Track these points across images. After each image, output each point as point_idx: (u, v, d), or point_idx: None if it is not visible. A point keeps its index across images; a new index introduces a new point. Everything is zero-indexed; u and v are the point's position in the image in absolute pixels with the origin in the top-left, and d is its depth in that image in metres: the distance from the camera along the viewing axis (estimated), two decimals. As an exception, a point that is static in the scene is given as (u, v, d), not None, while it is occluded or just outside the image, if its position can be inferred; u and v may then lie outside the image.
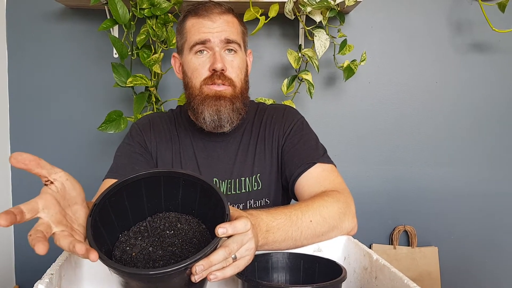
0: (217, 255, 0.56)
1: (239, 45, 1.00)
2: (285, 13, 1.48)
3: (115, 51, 1.57)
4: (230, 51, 0.99)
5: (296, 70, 1.59)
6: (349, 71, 1.54)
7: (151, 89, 1.52)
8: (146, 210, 0.66)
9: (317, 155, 0.99)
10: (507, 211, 1.78)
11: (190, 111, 1.03)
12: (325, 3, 1.40)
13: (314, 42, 1.49)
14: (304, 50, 1.53)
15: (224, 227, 0.56)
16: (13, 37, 1.66)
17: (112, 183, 0.61)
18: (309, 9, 1.44)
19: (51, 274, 0.59)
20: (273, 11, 1.46)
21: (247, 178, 1.03)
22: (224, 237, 0.58)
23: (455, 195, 1.77)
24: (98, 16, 1.63)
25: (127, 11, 1.42)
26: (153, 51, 1.52)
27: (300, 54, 1.55)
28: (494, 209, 1.78)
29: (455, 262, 1.77)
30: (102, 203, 0.59)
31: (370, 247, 1.74)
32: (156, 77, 1.54)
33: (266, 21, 1.45)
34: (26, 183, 1.67)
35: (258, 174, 1.04)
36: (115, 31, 1.61)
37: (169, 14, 1.48)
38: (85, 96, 1.69)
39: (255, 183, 1.03)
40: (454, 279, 1.77)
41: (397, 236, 1.75)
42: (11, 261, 1.69)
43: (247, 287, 0.61)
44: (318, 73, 1.69)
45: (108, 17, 1.52)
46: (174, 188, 0.65)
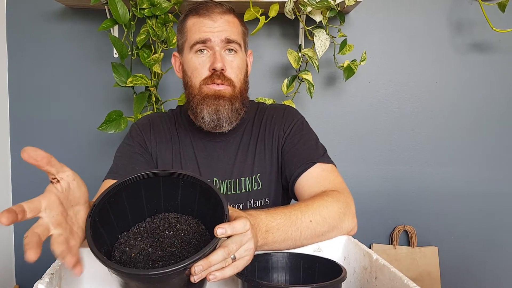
0: (216, 256, 0.56)
1: (240, 45, 1.00)
2: (285, 13, 1.48)
3: (115, 51, 1.57)
4: (230, 51, 0.99)
5: (296, 70, 1.59)
6: (349, 71, 1.54)
7: (151, 89, 1.52)
8: (146, 211, 0.66)
9: (317, 155, 0.99)
10: (507, 211, 1.78)
11: (190, 110, 1.03)
12: (325, 3, 1.40)
13: (314, 42, 1.49)
14: (304, 50, 1.53)
15: (223, 228, 0.56)
16: (13, 37, 1.66)
17: (112, 184, 0.61)
18: (309, 9, 1.44)
19: (51, 274, 0.59)
20: (273, 11, 1.46)
21: (247, 178, 1.03)
22: (223, 238, 0.58)
23: (455, 195, 1.77)
24: (98, 16, 1.63)
25: (127, 11, 1.42)
26: (153, 51, 1.52)
27: (300, 54, 1.55)
28: (494, 209, 1.78)
29: (455, 262, 1.77)
30: (102, 204, 0.59)
31: (370, 247, 1.74)
32: (156, 77, 1.54)
33: (266, 21, 1.45)
34: (27, 183, 1.67)
35: (258, 174, 1.04)
36: (115, 31, 1.61)
37: (169, 14, 1.48)
38: (85, 96, 1.69)
39: (255, 183, 1.03)
40: (454, 279, 1.77)
41: (397, 236, 1.75)
42: (11, 261, 1.69)
43: (247, 287, 0.62)
44: (318, 73, 1.69)
45: (108, 17, 1.52)
46: (173, 189, 0.65)
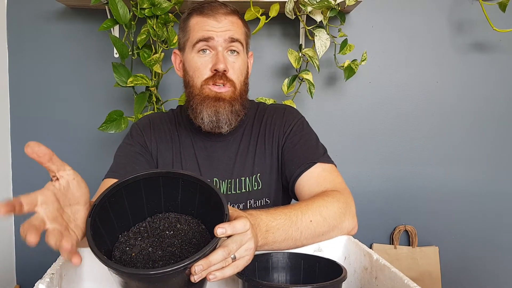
0: (216, 255, 0.56)
1: (242, 45, 1.00)
2: (286, 13, 1.48)
3: (116, 51, 1.57)
4: (233, 52, 0.99)
5: (297, 70, 1.59)
6: (350, 71, 1.53)
7: (152, 89, 1.52)
8: (146, 211, 0.66)
9: (318, 155, 0.99)
10: (508, 211, 1.78)
11: (189, 110, 1.03)
12: (326, 3, 1.40)
13: (315, 42, 1.49)
14: (305, 50, 1.53)
15: (223, 227, 0.56)
16: (14, 37, 1.66)
17: (112, 184, 0.61)
18: (310, 9, 1.44)
19: (52, 274, 0.59)
20: (274, 11, 1.46)
21: (247, 178, 1.03)
22: (224, 237, 0.58)
23: (456, 195, 1.77)
24: (99, 16, 1.63)
25: (128, 11, 1.42)
26: (154, 51, 1.52)
27: (301, 54, 1.55)
28: (495, 209, 1.78)
29: (456, 262, 1.77)
30: (102, 204, 0.60)
31: (371, 247, 1.74)
32: (157, 77, 1.54)
33: (267, 21, 1.45)
34: (27, 182, 1.67)
35: (258, 174, 1.04)
36: (116, 31, 1.61)
37: (170, 14, 1.48)
38: (86, 96, 1.70)
39: (255, 183, 1.03)
40: (455, 279, 1.77)
41: (398, 236, 1.75)
42: (12, 261, 1.70)
43: (248, 287, 0.62)
44: (319, 73, 1.69)
45: (109, 17, 1.52)
46: (174, 189, 0.65)
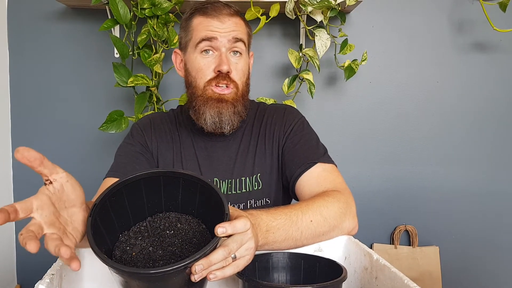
0: (217, 255, 0.56)
1: (245, 45, 1.01)
2: (286, 13, 1.48)
3: (116, 51, 1.57)
4: (235, 53, 0.99)
5: (297, 70, 1.59)
6: (350, 71, 1.53)
7: (152, 89, 1.52)
8: (146, 210, 0.66)
9: (318, 155, 0.99)
10: (508, 211, 1.78)
11: (191, 110, 1.03)
12: (326, 3, 1.40)
13: (315, 42, 1.49)
14: (305, 50, 1.53)
15: (224, 227, 0.56)
16: (14, 37, 1.66)
17: (113, 183, 0.61)
18: (310, 9, 1.44)
19: (52, 274, 0.59)
20: (274, 11, 1.46)
21: (248, 178, 1.03)
22: (224, 237, 0.58)
23: (456, 195, 1.77)
24: (99, 16, 1.63)
25: (128, 11, 1.42)
26: (154, 51, 1.52)
27: (301, 54, 1.55)
28: (495, 209, 1.78)
29: (456, 262, 1.77)
30: (102, 203, 0.59)
31: (371, 247, 1.74)
32: (157, 77, 1.54)
33: (267, 21, 1.45)
34: (28, 183, 1.67)
35: (259, 174, 1.04)
36: (116, 31, 1.61)
37: (170, 14, 1.48)
38: (86, 96, 1.70)
39: (256, 183, 1.03)
40: (455, 279, 1.77)
41: (398, 236, 1.75)
42: (13, 261, 1.70)
43: (248, 287, 0.61)
44: (319, 73, 1.69)
45: (109, 17, 1.52)
46: (174, 188, 0.65)
